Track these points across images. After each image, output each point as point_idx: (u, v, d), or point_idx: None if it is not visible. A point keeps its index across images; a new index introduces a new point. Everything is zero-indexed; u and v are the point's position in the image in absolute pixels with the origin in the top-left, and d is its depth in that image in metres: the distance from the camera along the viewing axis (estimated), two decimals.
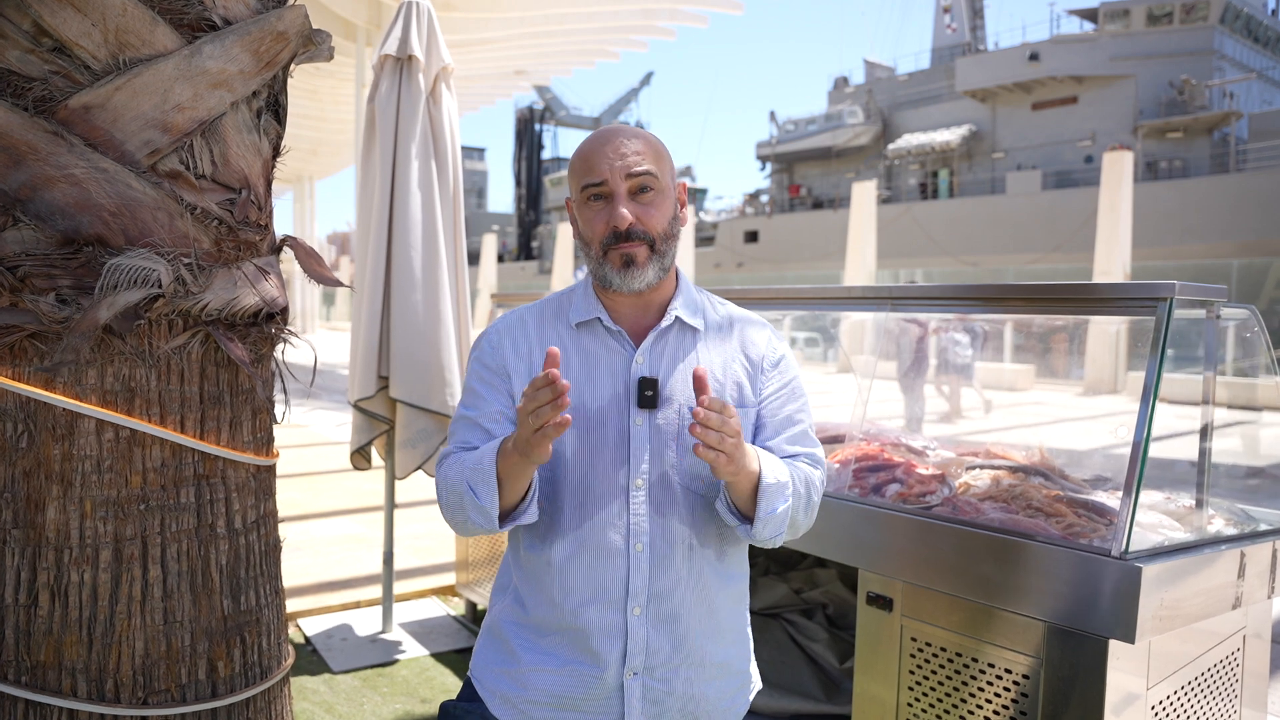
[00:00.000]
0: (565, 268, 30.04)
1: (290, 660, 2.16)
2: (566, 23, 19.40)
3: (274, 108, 1.98)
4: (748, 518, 1.43)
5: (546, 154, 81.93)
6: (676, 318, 1.51)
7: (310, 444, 9.78)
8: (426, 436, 4.03)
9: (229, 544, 1.90)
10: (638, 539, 1.42)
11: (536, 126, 79.63)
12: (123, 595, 1.73)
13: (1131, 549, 1.91)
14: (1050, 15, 58.04)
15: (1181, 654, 2.10)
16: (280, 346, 2.12)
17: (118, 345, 1.71)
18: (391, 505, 4.32)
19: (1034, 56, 39.15)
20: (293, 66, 2.08)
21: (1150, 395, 1.95)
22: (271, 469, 2.09)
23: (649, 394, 1.43)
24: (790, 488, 1.44)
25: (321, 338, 31.52)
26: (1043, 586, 2.03)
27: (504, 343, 1.52)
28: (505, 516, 1.41)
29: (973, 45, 48.51)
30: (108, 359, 1.71)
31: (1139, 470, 1.93)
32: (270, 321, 1.96)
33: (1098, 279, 16.32)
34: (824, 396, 13.23)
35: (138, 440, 1.74)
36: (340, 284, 2.17)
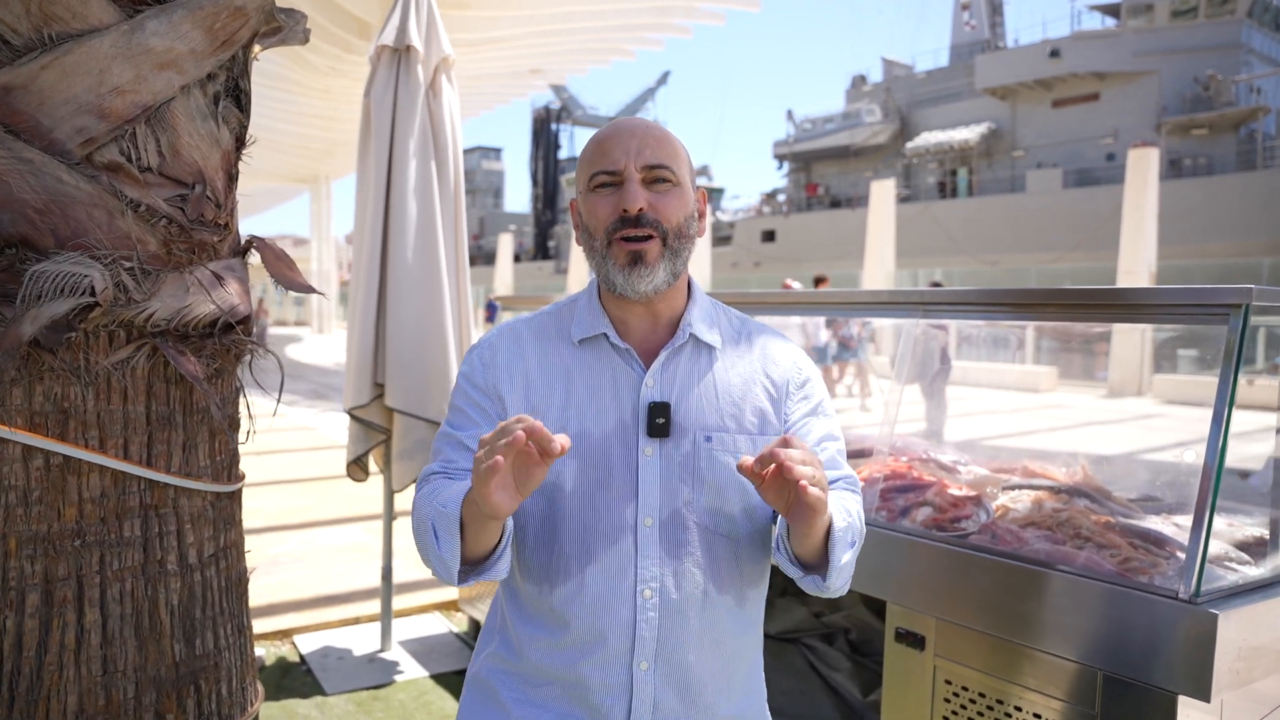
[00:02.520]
0: (582, 267, 29.81)
1: (258, 704, 1.96)
2: (581, 20, 19.24)
3: (235, 93, 1.77)
4: (812, 568, 1.26)
5: (563, 154, 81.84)
6: (691, 334, 1.34)
7: (318, 447, 9.62)
8: (425, 447, 3.83)
9: (181, 581, 1.69)
10: (645, 584, 1.26)
11: (553, 126, 79.56)
12: (53, 644, 1.52)
13: (1203, 591, 1.68)
14: (1071, 11, 57.34)
15: (1265, 699, 1.86)
16: (246, 359, 1.92)
17: (48, 360, 1.51)
18: (390, 518, 4.12)
19: (1055, 53, 38.71)
20: (258, 49, 1.88)
21: (1224, 416, 1.71)
22: (234, 495, 1.88)
23: (660, 421, 1.27)
24: (853, 529, 1.27)
25: (339, 337, 31.47)
26: (1097, 630, 1.80)
27: (497, 359, 1.35)
28: (470, 569, 1.22)
29: (992, 42, 48.05)
30: (36, 376, 1.51)
31: (1211, 500, 1.69)
32: (229, 332, 1.75)
33: (1122, 279, 15.97)
34: (843, 399, 12.96)
35: (72, 468, 1.54)
36: (312, 290, 1.96)
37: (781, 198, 52.45)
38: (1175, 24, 37.30)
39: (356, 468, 4.01)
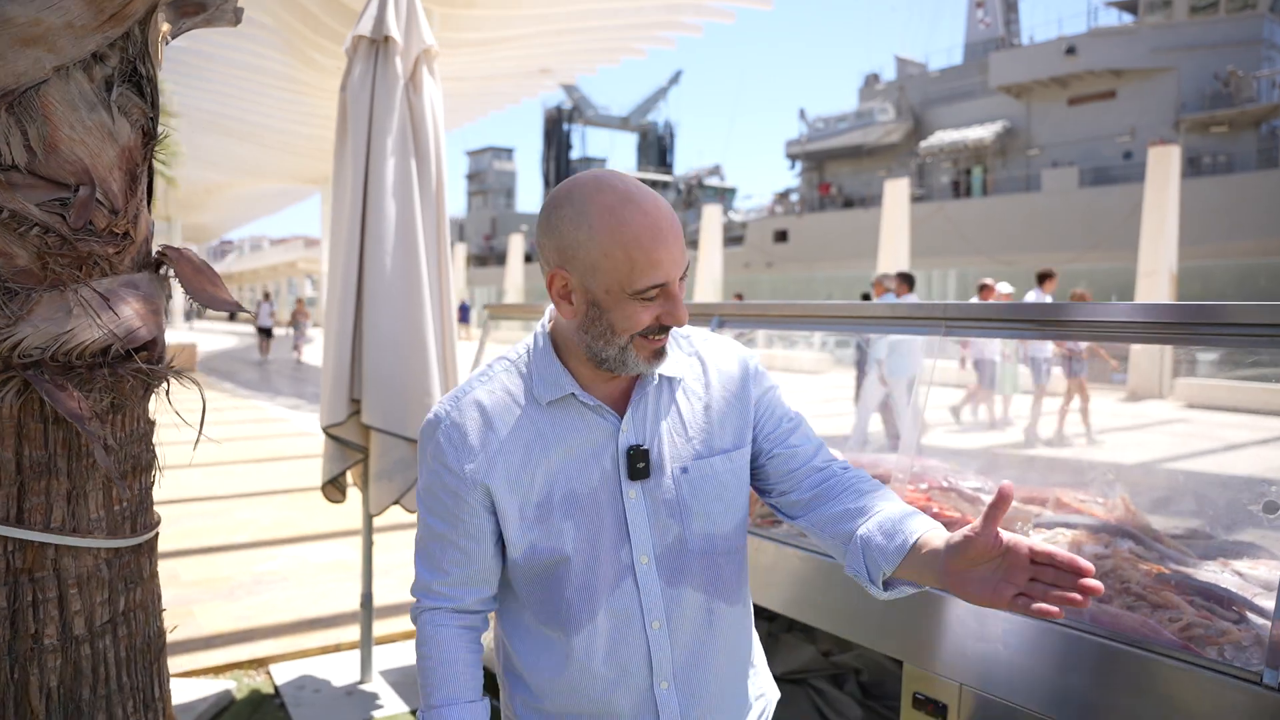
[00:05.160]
0: None
1: None
2: (591, 19, 19.04)
3: (134, 78, 1.50)
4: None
5: (575, 154, 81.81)
6: (658, 374, 1.34)
7: (317, 454, 9.37)
8: (404, 467, 3.57)
9: (63, 657, 1.42)
10: (653, 617, 1.30)
11: (565, 126, 79.44)
12: None
13: None
14: (1088, 7, 56.64)
15: None
16: (163, 389, 1.65)
17: None
18: (369, 542, 3.85)
19: (1071, 50, 38.25)
20: (167, 27, 1.61)
21: None
22: (143, 548, 1.61)
23: (641, 465, 1.29)
24: None
25: None
26: (1157, 713, 1.51)
27: (467, 439, 1.30)
28: None
29: (1007, 39, 47.55)
30: None
31: None
32: (127, 361, 1.48)
33: (1141, 279, 15.58)
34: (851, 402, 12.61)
35: None
36: (239, 308, 1.69)
37: (794, 197, 52.11)
38: (1194, 19, 36.76)
39: (333, 488, 3.75)
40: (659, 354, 1.27)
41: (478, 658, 1.36)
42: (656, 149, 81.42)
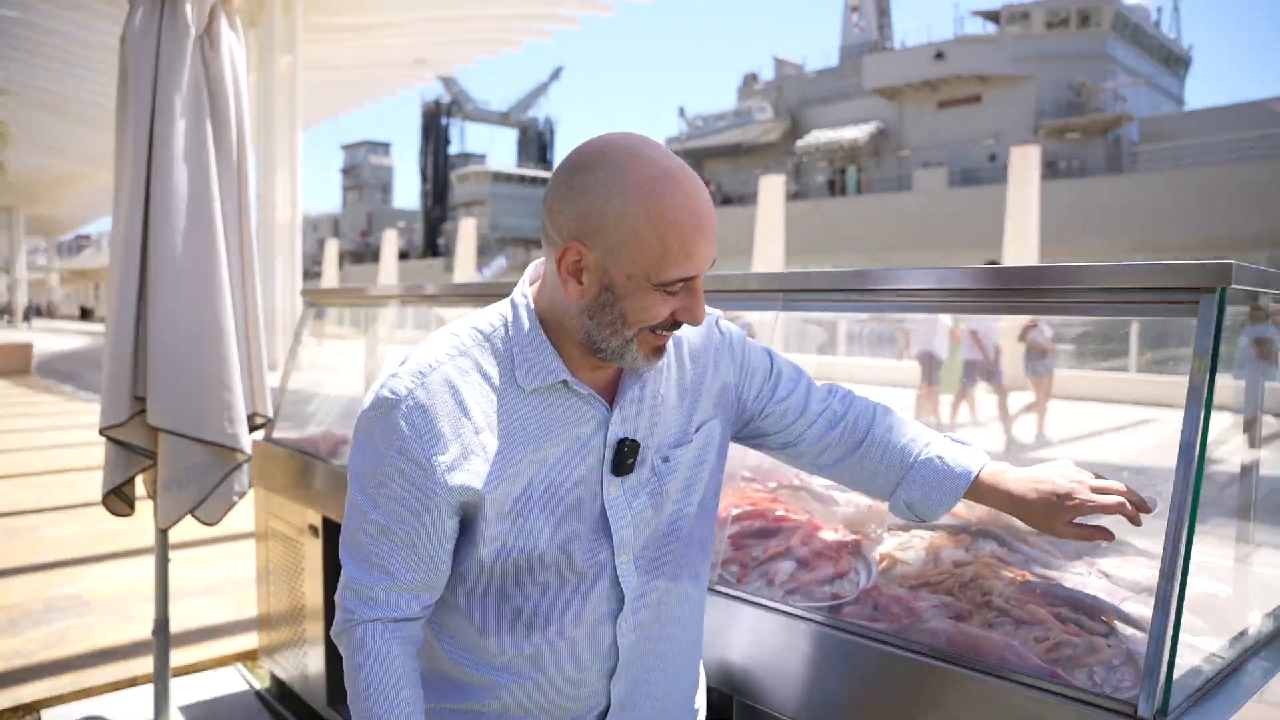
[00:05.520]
0: (467, 265, 28.84)
1: None
2: (467, 8, 18.53)
3: None
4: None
5: (454, 148, 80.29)
6: None
7: None
8: (199, 474, 3.10)
9: None
10: (624, 618, 1.23)
11: (443, 120, 77.76)
12: None
13: (1171, 708, 1.14)
14: (955, 15, 58.88)
15: None
16: None
17: None
18: (165, 560, 3.35)
19: (940, 55, 39.74)
20: None
21: (1195, 450, 1.17)
22: None
23: (630, 461, 1.21)
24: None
25: None
26: None
27: (437, 425, 1.12)
28: None
29: (880, 43, 49.02)
30: None
31: (1181, 571, 1.16)
32: None
33: None
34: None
35: None
36: None
37: None
38: (1050, 32, 38.70)
39: (117, 500, 3.23)
40: (659, 351, 1.16)
41: (419, 675, 1.20)
42: (536, 145, 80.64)
